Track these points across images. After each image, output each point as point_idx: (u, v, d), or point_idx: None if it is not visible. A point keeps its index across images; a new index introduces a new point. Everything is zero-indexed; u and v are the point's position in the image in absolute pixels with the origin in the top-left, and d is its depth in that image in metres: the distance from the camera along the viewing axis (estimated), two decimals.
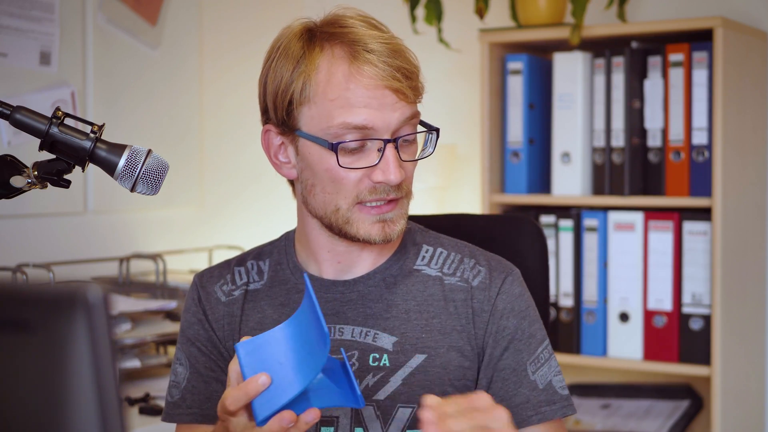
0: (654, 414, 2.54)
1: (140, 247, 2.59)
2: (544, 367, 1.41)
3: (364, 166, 1.33)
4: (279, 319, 1.42)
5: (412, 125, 1.37)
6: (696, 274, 2.38)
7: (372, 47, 1.34)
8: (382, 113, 1.32)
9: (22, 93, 2.32)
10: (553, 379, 1.42)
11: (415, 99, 1.37)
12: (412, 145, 1.39)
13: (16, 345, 0.72)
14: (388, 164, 1.33)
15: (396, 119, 1.34)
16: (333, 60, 1.34)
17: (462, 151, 2.91)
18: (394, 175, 1.33)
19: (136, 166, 1.22)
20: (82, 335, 0.69)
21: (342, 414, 1.37)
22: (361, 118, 1.32)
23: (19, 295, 0.74)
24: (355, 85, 1.32)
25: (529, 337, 1.41)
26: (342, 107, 1.32)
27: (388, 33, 1.39)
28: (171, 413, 1.45)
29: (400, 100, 1.34)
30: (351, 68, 1.33)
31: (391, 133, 1.34)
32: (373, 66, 1.33)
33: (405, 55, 1.37)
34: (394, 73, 1.33)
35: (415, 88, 1.36)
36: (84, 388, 0.69)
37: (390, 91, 1.33)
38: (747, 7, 2.57)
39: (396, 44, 1.37)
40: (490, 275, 1.43)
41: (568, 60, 2.50)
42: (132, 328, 2.24)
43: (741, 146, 2.42)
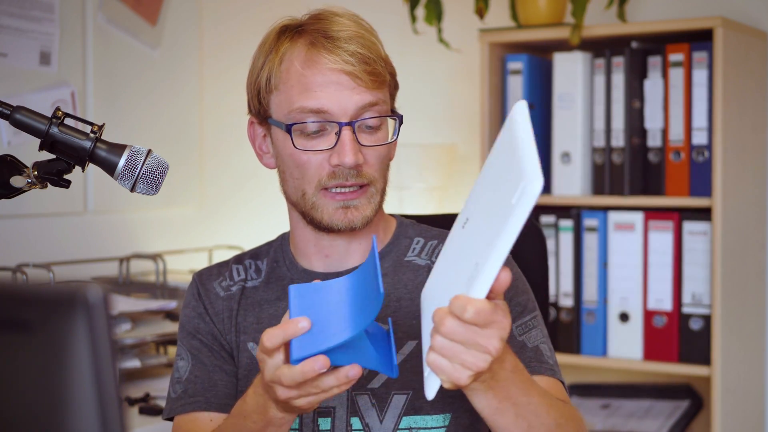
0: (654, 414, 2.54)
1: (140, 247, 2.59)
2: (531, 332, 1.39)
3: (322, 149, 1.36)
4: (275, 313, 1.44)
5: (375, 112, 1.38)
6: (696, 274, 2.38)
7: (331, 35, 1.37)
8: (337, 97, 1.35)
9: (22, 93, 2.32)
10: (541, 345, 1.39)
11: (375, 86, 1.37)
12: (376, 133, 1.39)
13: (16, 345, 0.72)
14: (344, 146, 1.35)
15: (353, 104, 1.35)
16: (294, 48, 1.38)
17: (462, 151, 2.91)
18: (348, 157, 1.34)
19: (136, 166, 1.23)
20: (82, 335, 0.69)
21: (338, 404, 1.38)
22: (317, 102, 1.35)
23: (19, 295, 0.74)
24: (312, 71, 1.36)
25: (516, 305, 1.40)
26: (300, 92, 1.36)
27: (358, 24, 1.40)
28: (172, 407, 1.44)
29: (359, 86, 1.36)
30: (308, 54, 1.37)
31: (348, 118, 1.36)
32: (328, 52, 1.36)
33: (366, 41, 1.38)
34: (349, 58, 1.35)
35: (374, 74, 1.36)
36: (84, 388, 0.69)
37: (345, 75, 1.35)
38: (747, 7, 2.57)
39: (357, 32, 1.39)
40: None
41: (568, 60, 2.50)
42: (132, 328, 2.24)
43: (741, 146, 2.42)
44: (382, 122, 1.39)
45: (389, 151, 1.43)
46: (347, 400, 1.38)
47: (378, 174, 1.39)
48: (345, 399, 1.38)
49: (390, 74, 1.42)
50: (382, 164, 1.40)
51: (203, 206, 2.80)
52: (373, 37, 1.40)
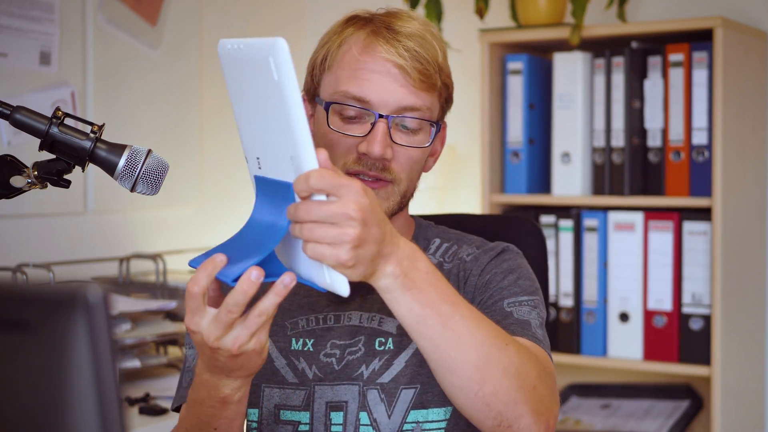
0: (654, 414, 2.54)
1: (140, 247, 2.59)
2: (524, 308, 1.36)
3: (354, 135, 1.36)
4: (289, 307, 1.44)
5: (417, 115, 1.38)
6: (696, 274, 2.38)
7: (394, 28, 1.38)
8: (382, 90, 1.36)
9: (22, 93, 2.32)
10: (532, 320, 1.34)
11: (423, 87, 1.37)
12: (413, 135, 1.39)
13: (16, 345, 0.72)
14: (374, 136, 1.35)
15: (396, 100, 1.36)
16: (356, 34, 1.39)
17: (462, 151, 2.91)
18: (376, 148, 1.34)
19: (136, 166, 1.23)
20: (82, 335, 0.69)
21: (351, 399, 1.38)
22: (360, 91, 1.36)
23: (19, 295, 0.74)
24: (365, 57, 1.37)
25: (512, 285, 1.39)
26: (348, 77, 1.37)
27: (426, 28, 1.41)
28: (180, 396, 1.43)
29: (407, 84, 1.36)
30: (366, 40, 1.38)
31: (387, 112, 1.36)
32: (386, 41, 1.36)
33: (426, 43, 1.38)
34: (403, 52, 1.35)
35: (424, 74, 1.37)
36: (84, 388, 0.69)
37: (396, 68, 1.35)
38: (747, 7, 2.57)
39: (420, 32, 1.39)
40: (484, 252, 1.45)
41: (568, 60, 2.50)
42: (132, 328, 2.24)
43: (741, 146, 2.42)
44: (421, 127, 1.39)
45: (422, 158, 1.42)
46: (359, 394, 1.38)
47: (404, 175, 1.39)
48: (357, 394, 1.38)
49: (444, 84, 1.42)
50: (411, 167, 1.40)
51: (203, 206, 2.80)
52: (437, 43, 1.40)
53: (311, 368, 1.40)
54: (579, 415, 2.58)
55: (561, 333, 2.50)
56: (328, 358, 1.40)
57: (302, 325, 1.43)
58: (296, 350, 1.42)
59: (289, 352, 1.42)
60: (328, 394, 1.39)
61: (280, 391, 1.40)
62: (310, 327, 1.42)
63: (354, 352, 1.40)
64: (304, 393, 1.39)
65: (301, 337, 1.42)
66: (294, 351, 1.42)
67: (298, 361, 1.41)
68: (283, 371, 1.41)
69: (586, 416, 2.57)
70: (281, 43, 1.02)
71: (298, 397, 1.40)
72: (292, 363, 1.41)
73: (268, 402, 1.41)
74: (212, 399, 1.20)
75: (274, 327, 1.43)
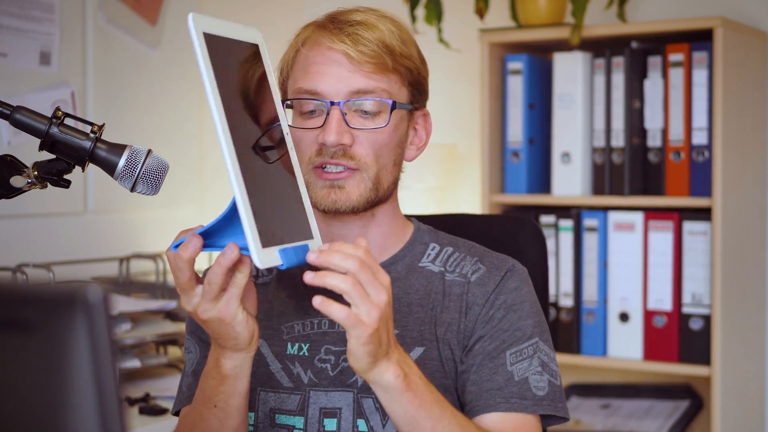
0: (654, 414, 2.54)
1: (140, 247, 2.59)
2: (524, 362, 1.38)
3: (312, 127, 1.37)
4: (285, 311, 1.44)
5: (370, 97, 1.37)
6: (696, 274, 2.38)
7: (340, 19, 1.39)
8: (329, 78, 1.36)
9: (22, 93, 2.32)
10: (531, 377, 1.38)
11: (372, 69, 1.36)
12: (374, 119, 1.38)
13: (16, 345, 0.72)
14: (329, 124, 1.35)
15: (345, 85, 1.36)
16: (305, 34, 1.41)
17: (462, 151, 2.91)
18: (330, 135, 1.34)
19: (136, 166, 1.22)
20: (82, 335, 0.69)
21: (345, 405, 1.38)
22: (311, 83, 1.37)
23: (19, 295, 0.74)
24: (313, 52, 1.38)
25: (516, 330, 1.39)
26: (302, 73, 1.39)
27: (377, 16, 1.40)
28: (180, 400, 1.44)
29: (355, 69, 1.36)
30: (313, 37, 1.40)
31: (339, 99, 1.36)
32: (330, 32, 1.38)
33: (373, 28, 1.38)
34: (345, 39, 1.36)
35: (371, 56, 1.36)
36: (84, 388, 0.69)
37: (341, 54, 1.36)
38: (747, 7, 2.57)
39: (367, 19, 1.39)
40: (489, 272, 1.43)
41: (568, 60, 2.50)
42: (132, 328, 2.24)
43: (741, 146, 2.42)
44: (382, 110, 1.38)
45: (389, 141, 1.40)
46: (353, 401, 1.38)
47: (370, 160, 1.38)
48: (351, 401, 1.38)
49: (403, 66, 1.40)
50: (377, 151, 1.38)
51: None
52: (385, 27, 1.39)
53: (306, 373, 1.40)
54: (579, 415, 2.58)
55: (561, 333, 2.50)
56: (323, 363, 1.40)
57: (298, 330, 1.42)
58: (292, 355, 1.41)
59: (285, 357, 1.41)
60: (322, 400, 1.39)
61: (275, 395, 1.40)
62: (306, 332, 1.42)
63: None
64: (298, 398, 1.39)
65: (296, 342, 1.41)
66: (289, 355, 1.41)
67: (294, 366, 1.41)
68: (278, 375, 1.41)
69: (586, 416, 2.57)
70: (189, 22, 1.11)
71: (293, 401, 1.40)
72: (287, 367, 1.41)
73: (264, 406, 1.41)
74: (213, 371, 1.26)
75: (270, 331, 1.43)
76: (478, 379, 1.37)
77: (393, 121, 1.39)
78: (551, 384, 1.39)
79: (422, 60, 1.45)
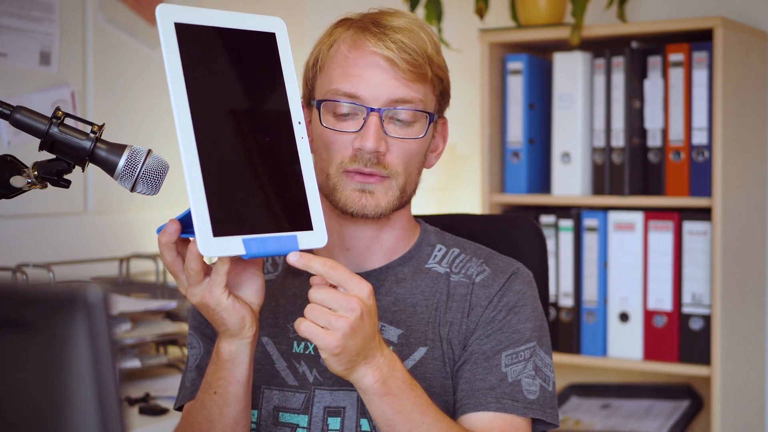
0: (654, 414, 2.54)
1: (140, 247, 2.59)
2: (519, 365, 1.38)
3: (347, 131, 1.36)
4: (291, 309, 1.44)
5: (409, 107, 1.38)
6: (696, 274, 2.38)
7: (382, 23, 1.38)
8: (371, 83, 1.36)
9: (22, 93, 2.32)
10: (524, 380, 1.38)
11: (413, 78, 1.37)
12: (407, 128, 1.38)
13: (16, 345, 0.72)
14: (367, 131, 1.35)
15: (386, 93, 1.36)
16: (346, 34, 1.40)
17: (462, 151, 2.91)
18: (370, 141, 1.34)
19: (136, 166, 1.22)
20: (82, 335, 0.69)
21: (349, 404, 1.38)
22: (351, 87, 1.36)
23: (19, 295, 0.74)
24: (354, 54, 1.37)
25: (514, 332, 1.39)
26: (339, 75, 1.37)
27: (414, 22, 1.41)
28: (183, 395, 1.44)
29: (397, 77, 1.36)
30: (354, 37, 1.38)
31: (379, 105, 1.36)
32: (373, 35, 1.37)
33: (415, 36, 1.38)
34: (391, 44, 1.36)
35: (414, 65, 1.36)
36: (84, 388, 0.69)
37: (384, 60, 1.36)
38: (747, 7, 2.57)
39: (408, 26, 1.39)
40: (494, 274, 1.43)
41: (568, 60, 2.50)
42: (132, 328, 2.24)
43: (741, 146, 2.42)
44: (416, 120, 1.39)
45: (420, 151, 1.41)
46: (357, 400, 1.38)
47: (401, 169, 1.38)
48: (356, 400, 1.38)
49: (437, 76, 1.41)
50: (407, 161, 1.39)
51: None
52: (425, 35, 1.40)
53: (312, 371, 1.40)
54: (579, 415, 2.58)
55: (561, 333, 2.50)
56: None
57: None
58: (297, 353, 1.41)
59: (291, 355, 1.41)
60: (327, 399, 1.39)
61: (280, 393, 1.40)
62: None
63: None
64: (303, 396, 1.39)
65: (302, 340, 1.42)
66: (295, 354, 1.41)
67: (299, 364, 1.41)
68: (283, 373, 1.41)
69: (586, 416, 2.57)
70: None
71: (297, 400, 1.40)
72: (293, 366, 1.41)
73: (267, 404, 1.40)
74: (214, 355, 1.28)
75: (276, 329, 1.43)
76: (471, 378, 1.37)
77: (428, 132, 1.41)
78: (543, 389, 1.39)
79: (447, 68, 1.46)
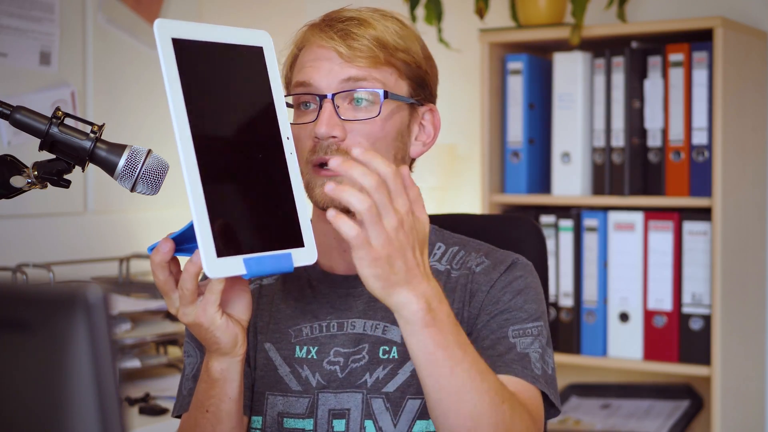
0: (654, 414, 2.54)
1: (140, 247, 2.59)
2: (527, 339, 1.36)
3: (307, 122, 1.37)
4: (292, 314, 1.43)
5: (361, 86, 1.37)
6: (696, 274, 2.38)
7: (332, 17, 1.41)
8: (320, 71, 1.37)
9: (22, 93, 2.32)
10: (532, 354, 1.35)
11: (365, 63, 1.36)
12: (367, 110, 1.36)
13: (16, 345, 0.72)
14: (321, 117, 1.35)
15: (335, 77, 1.36)
16: (300, 35, 1.43)
17: (462, 151, 2.91)
18: (322, 127, 1.33)
19: (136, 166, 1.22)
20: (82, 335, 0.69)
21: (353, 406, 1.38)
22: (303, 75, 1.38)
23: (19, 295, 0.74)
24: (306, 50, 1.40)
25: (520, 311, 1.38)
26: (298, 71, 1.40)
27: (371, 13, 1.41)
28: (182, 404, 1.43)
29: (344, 62, 1.36)
30: (305, 37, 1.41)
31: (331, 91, 1.36)
32: (320, 30, 1.39)
33: (363, 24, 1.38)
34: (334, 35, 1.37)
35: (361, 50, 1.36)
36: (84, 388, 0.69)
37: (332, 51, 1.37)
38: (747, 7, 2.57)
39: (358, 16, 1.40)
40: (493, 264, 1.42)
41: (568, 60, 2.50)
42: (132, 328, 2.24)
43: (741, 146, 2.42)
44: (374, 101, 1.37)
45: (385, 133, 1.38)
46: (362, 402, 1.37)
47: None
48: (360, 401, 1.37)
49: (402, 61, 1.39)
50: (372, 143, 1.36)
51: None
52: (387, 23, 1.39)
53: (315, 376, 1.39)
54: (579, 415, 2.58)
55: (561, 333, 2.50)
56: (332, 366, 1.39)
57: (306, 333, 1.42)
58: (300, 358, 1.41)
59: (293, 360, 1.41)
60: (331, 402, 1.38)
61: (284, 398, 1.40)
62: (314, 335, 1.41)
63: (358, 360, 1.39)
64: (307, 401, 1.39)
65: (305, 345, 1.41)
66: (298, 359, 1.41)
67: (302, 369, 1.40)
68: (286, 379, 1.40)
69: (586, 416, 2.57)
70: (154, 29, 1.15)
71: (301, 404, 1.39)
72: (296, 371, 1.40)
73: (272, 410, 1.40)
74: (204, 374, 1.26)
75: (277, 334, 1.43)
76: (479, 348, 1.35)
77: (385, 111, 1.37)
78: (545, 372, 1.36)
79: (426, 56, 1.44)
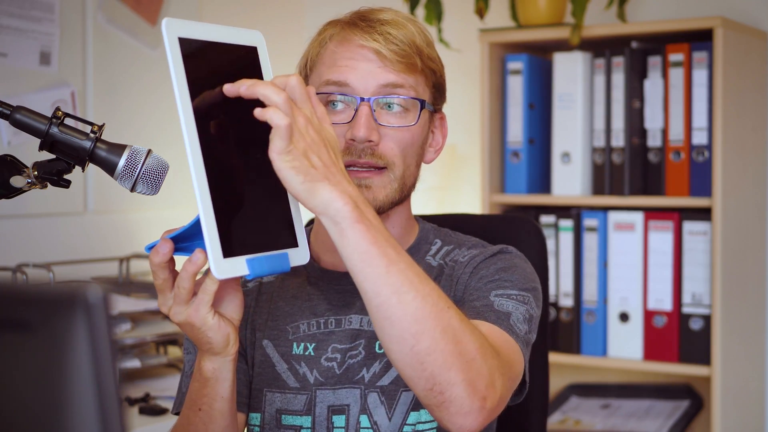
0: (654, 414, 2.54)
1: (140, 247, 2.59)
2: (510, 301, 1.34)
3: (339, 123, 1.35)
4: (290, 311, 1.44)
5: (399, 93, 1.37)
6: (696, 274, 2.38)
7: (369, 17, 1.39)
8: (360, 73, 1.36)
9: (22, 93, 2.32)
10: (514, 313, 1.32)
11: (403, 69, 1.37)
12: (400, 117, 1.38)
13: (16, 345, 0.72)
14: (358, 120, 1.34)
15: (375, 80, 1.36)
16: (334, 31, 1.41)
17: (462, 151, 2.91)
18: (360, 131, 1.33)
19: (136, 166, 1.22)
20: (82, 335, 0.69)
21: (353, 402, 1.38)
22: (340, 76, 1.36)
23: (19, 295, 0.74)
24: (342, 48, 1.38)
25: (505, 280, 1.37)
26: (329, 67, 1.38)
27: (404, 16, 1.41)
28: (181, 401, 1.43)
29: (385, 66, 1.36)
30: (342, 33, 1.39)
31: (369, 94, 1.36)
32: (360, 30, 1.37)
33: (403, 28, 1.38)
34: (378, 37, 1.36)
35: (402, 55, 1.36)
36: (84, 388, 0.69)
37: (372, 53, 1.36)
38: (747, 7, 2.57)
39: (395, 19, 1.39)
40: (480, 252, 1.43)
41: (568, 60, 2.50)
42: (132, 328, 2.24)
43: (741, 146, 2.42)
44: (409, 109, 1.38)
45: (414, 140, 1.39)
46: (360, 397, 1.38)
47: (397, 159, 1.37)
48: (359, 397, 1.38)
49: (429, 68, 1.40)
50: (403, 151, 1.37)
51: None
52: (414, 27, 1.40)
53: (312, 372, 1.40)
54: (579, 415, 2.58)
55: (561, 333, 2.50)
56: (330, 362, 1.40)
57: (303, 330, 1.43)
58: (298, 355, 1.41)
59: (291, 357, 1.41)
60: (330, 398, 1.39)
61: (282, 395, 1.40)
62: (311, 331, 1.42)
63: (355, 355, 1.40)
64: (305, 397, 1.39)
65: (302, 342, 1.42)
66: (295, 356, 1.41)
67: (300, 366, 1.41)
68: (284, 376, 1.41)
69: (586, 416, 2.57)
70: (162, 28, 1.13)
71: (299, 401, 1.40)
72: (293, 368, 1.41)
73: (270, 407, 1.40)
74: (196, 373, 1.26)
75: (275, 331, 1.43)
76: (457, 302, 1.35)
77: (421, 120, 1.39)
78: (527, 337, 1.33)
79: (442, 63, 1.46)
